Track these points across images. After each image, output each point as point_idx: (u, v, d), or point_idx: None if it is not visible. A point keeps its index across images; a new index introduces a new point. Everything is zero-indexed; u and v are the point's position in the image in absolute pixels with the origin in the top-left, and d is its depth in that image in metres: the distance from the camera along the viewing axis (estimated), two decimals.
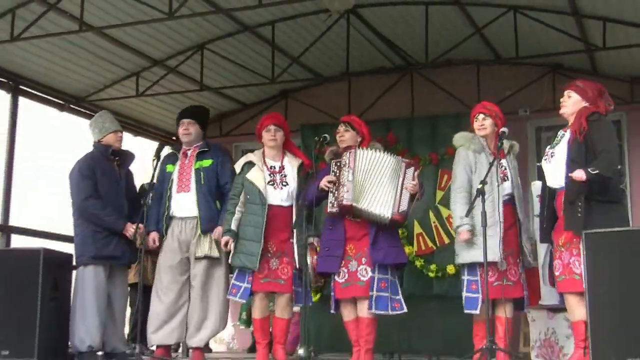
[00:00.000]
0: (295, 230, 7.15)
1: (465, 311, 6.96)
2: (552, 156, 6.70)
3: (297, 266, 7.19)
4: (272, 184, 7.42)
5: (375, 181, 7.11)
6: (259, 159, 7.52)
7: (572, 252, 6.45)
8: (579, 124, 6.52)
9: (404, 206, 7.03)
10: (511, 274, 6.88)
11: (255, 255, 7.19)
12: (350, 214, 7.17)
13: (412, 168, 7.17)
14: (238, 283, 7.36)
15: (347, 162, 7.20)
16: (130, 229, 7.73)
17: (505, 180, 6.96)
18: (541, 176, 7.03)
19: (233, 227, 7.30)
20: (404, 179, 7.09)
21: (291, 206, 7.34)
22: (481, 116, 7.14)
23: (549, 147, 6.85)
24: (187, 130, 7.85)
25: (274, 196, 7.38)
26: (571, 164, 6.42)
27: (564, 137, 6.66)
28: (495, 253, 6.72)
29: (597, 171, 6.18)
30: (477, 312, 6.84)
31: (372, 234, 7.07)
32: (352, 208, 7.07)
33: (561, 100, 6.83)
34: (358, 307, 7.16)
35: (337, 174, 7.20)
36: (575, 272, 6.43)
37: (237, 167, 7.58)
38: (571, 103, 6.74)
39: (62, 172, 8.88)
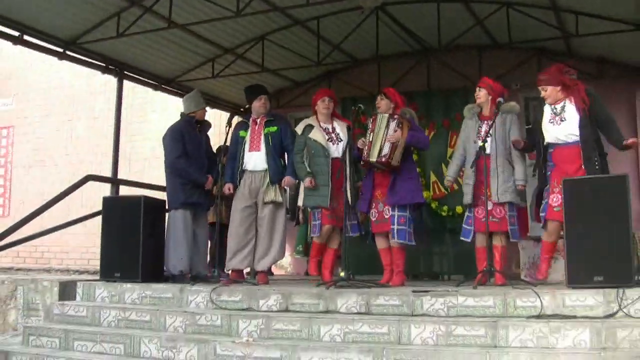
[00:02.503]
0: (348, 177, 7.26)
1: (460, 238, 7.14)
2: (561, 120, 6.75)
3: (351, 204, 7.30)
4: (330, 141, 7.58)
5: (377, 135, 7.21)
6: (315, 123, 7.66)
7: None
8: (580, 98, 6.68)
9: (385, 152, 7.14)
10: (496, 212, 6.98)
11: (326, 196, 7.40)
12: (373, 167, 7.30)
13: (395, 120, 7.22)
14: (313, 222, 7.56)
15: (370, 126, 7.33)
16: (210, 183, 7.90)
17: (488, 137, 6.98)
18: (533, 134, 7.07)
19: (309, 170, 7.50)
20: (387, 132, 7.19)
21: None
22: (477, 88, 7.23)
23: (552, 112, 6.84)
24: (265, 104, 7.99)
25: (333, 150, 7.56)
26: (583, 129, 6.60)
27: (567, 107, 6.74)
28: (468, 198, 7.06)
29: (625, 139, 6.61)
30: (468, 240, 7.13)
31: (391, 182, 7.18)
32: (370, 162, 7.20)
33: (541, 95, 6.90)
34: (390, 238, 7.27)
35: (367, 136, 7.34)
36: None
37: (299, 129, 7.75)
38: (548, 94, 6.87)
39: (157, 136, 9.01)
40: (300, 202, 7.78)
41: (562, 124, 6.74)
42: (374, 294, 6.14)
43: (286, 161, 7.90)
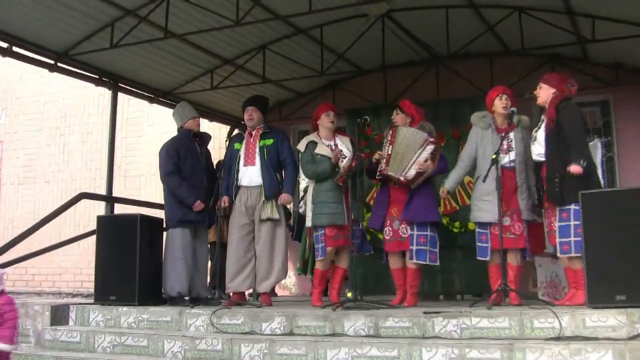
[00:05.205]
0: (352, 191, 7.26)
1: (477, 258, 7.03)
2: (535, 139, 6.85)
3: (353, 218, 7.28)
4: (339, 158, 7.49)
5: (406, 152, 7.17)
6: (318, 139, 7.58)
7: (552, 213, 6.64)
8: (550, 112, 6.69)
9: (409, 175, 7.12)
10: (514, 228, 6.92)
11: (342, 213, 7.29)
12: (389, 180, 7.25)
13: (432, 146, 7.20)
14: (317, 245, 7.44)
15: (388, 138, 7.29)
16: (198, 206, 7.81)
17: (510, 151, 6.97)
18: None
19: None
20: (420, 154, 7.15)
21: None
22: (505, 96, 7.15)
23: (534, 130, 6.95)
24: (251, 116, 7.94)
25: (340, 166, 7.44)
26: (549, 145, 6.62)
27: (543, 124, 6.75)
28: (493, 216, 6.82)
29: (585, 162, 6.40)
30: (487, 258, 6.97)
31: (408, 198, 7.14)
32: (388, 175, 7.15)
33: (535, 92, 6.92)
34: (407, 258, 7.23)
35: (384, 148, 7.31)
36: (554, 229, 6.56)
37: (301, 147, 7.64)
38: (543, 92, 6.94)
39: (154, 150, 9.01)
40: (309, 223, 7.53)
41: (535, 143, 6.84)
42: (383, 316, 6.11)
43: (283, 176, 7.85)
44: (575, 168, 6.38)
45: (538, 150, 6.77)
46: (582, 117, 6.80)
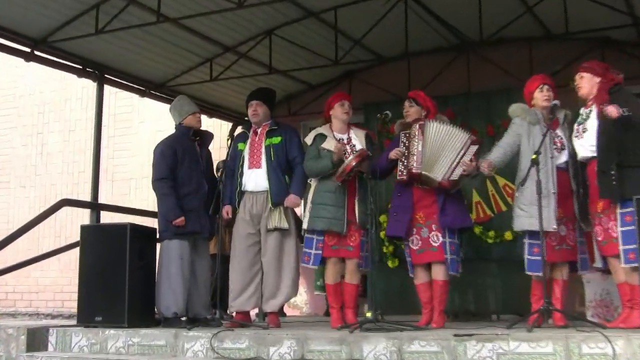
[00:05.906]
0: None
1: (527, 272, 6.94)
2: (583, 131, 6.72)
3: (358, 221, 7.24)
4: (345, 154, 7.42)
5: (442, 151, 7.16)
6: (328, 132, 7.56)
7: (610, 217, 6.48)
8: (601, 98, 6.57)
9: (454, 176, 7.13)
10: (570, 239, 6.91)
11: (342, 220, 7.25)
12: (418, 182, 7.22)
13: (476, 146, 7.24)
14: (308, 250, 7.40)
15: (416, 133, 7.26)
16: (180, 222, 7.79)
17: (562, 150, 6.92)
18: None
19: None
20: (464, 154, 7.15)
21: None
22: (546, 87, 7.10)
23: (576, 124, 6.85)
24: (256, 111, 7.91)
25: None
26: (601, 135, 6.47)
27: (592, 113, 6.66)
28: (550, 222, 6.71)
29: (630, 113, 6.24)
30: (541, 274, 6.77)
31: (441, 201, 7.15)
32: (421, 175, 7.12)
33: (575, 83, 6.85)
34: (433, 270, 7.23)
35: (407, 145, 7.27)
36: (613, 236, 6.43)
37: (309, 139, 7.64)
38: (585, 82, 6.81)
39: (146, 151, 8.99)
40: (305, 225, 7.51)
41: (585, 135, 6.71)
42: (408, 339, 6.06)
43: (293, 176, 7.83)
44: (611, 109, 6.27)
45: (590, 142, 6.63)
46: (636, 99, 6.71)
